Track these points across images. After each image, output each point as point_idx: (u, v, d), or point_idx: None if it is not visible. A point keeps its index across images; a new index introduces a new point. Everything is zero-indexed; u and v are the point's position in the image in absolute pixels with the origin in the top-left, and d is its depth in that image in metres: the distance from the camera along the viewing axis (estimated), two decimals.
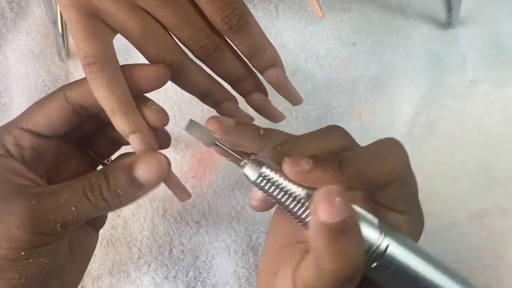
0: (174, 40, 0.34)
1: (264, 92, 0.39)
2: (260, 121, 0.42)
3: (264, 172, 0.29)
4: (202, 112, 0.55)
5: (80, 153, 0.38)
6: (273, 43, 0.36)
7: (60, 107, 0.33)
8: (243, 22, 0.33)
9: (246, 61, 0.36)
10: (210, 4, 0.32)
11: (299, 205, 0.29)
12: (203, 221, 0.52)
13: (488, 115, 0.56)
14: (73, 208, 0.30)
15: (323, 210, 0.25)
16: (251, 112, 0.41)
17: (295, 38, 0.58)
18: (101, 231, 0.41)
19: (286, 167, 0.29)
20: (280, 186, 0.29)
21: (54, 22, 0.53)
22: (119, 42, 0.35)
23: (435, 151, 0.56)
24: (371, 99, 0.57)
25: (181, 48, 0.34)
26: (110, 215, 0.52)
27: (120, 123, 0.32)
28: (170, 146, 0.37)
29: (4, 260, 0.29)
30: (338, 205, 0.25)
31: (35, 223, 0.29)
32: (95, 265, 0.51)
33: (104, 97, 0.31)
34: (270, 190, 0.29)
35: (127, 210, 0.52)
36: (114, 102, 0.31)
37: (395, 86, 0.57)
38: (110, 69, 0.32)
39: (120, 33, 0.34)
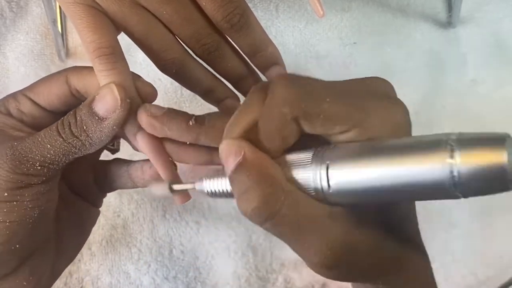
0: (176, 39, 0.34)
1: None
2: None
3: (206, 184, 0.30)
4: (202, 112, 0.55)
5: None
6: (273, 42, 0.36)
7: (60, 86, 0.34)
8: (244, 20, 0.33)
9: (247, 60, 0.36)
10: (211, 3, 0.32)
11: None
12: (203, 222, 0.52)
13: (488, 115, 0.56)
14: (49, 146, 0.31)
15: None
16: None
17: (295, 37, 0.58)
18: (101, 231, 0.41)
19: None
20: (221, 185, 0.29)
21: (54, 22, 0.53)
22: (120, 43, 0.35)
23: None
24: None
25: (182, 46, 0.34)
26: (110, 215, 0.52)
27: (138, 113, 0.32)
28: None
29: None
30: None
31: (16, 162, 0.30)
32: (95, 265, 0.50)
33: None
34: (218, 190, 0.29)
35: (127, 210, 0.52)
36: (131, 92, 0.32)
37: (395, 86, 0.57)
38: (124, 60, 0.32)
39: (122, 31, 0.34)
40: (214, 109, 0.40)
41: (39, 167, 0.31)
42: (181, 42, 0.35)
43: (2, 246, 0.31)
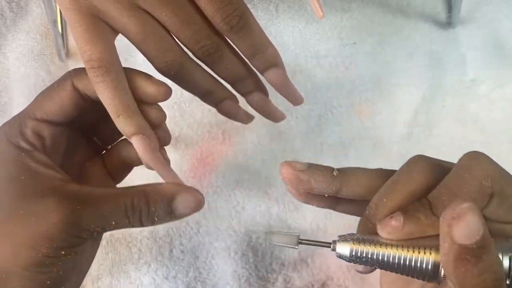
0: (175, 41, 0.34)
1: (265, 92, 0.39)
2: (263, 121, 0.42)
3: (353, 247, 0.29)
4: (202, 112, 0.55)
5: (86, 141, 0.39)
6: (273, 42, 0.36)
7: (69, 95, 0.34)
8: (243, 22, 0.33)
9: (247, 61, 0.36)
10: (210, 5, 0.32)
11: (404, 260, 0.28)
12: (203, 221, 0.52)
13: (488, 115, 0.56)
14: (113, 223, 0.31)
15: (458, 231, 0.24)
16: (250, 110, 0.41)
17: (295, 37, 0.58)
18: None
19: (380, 231, 0.29)
20: (375, 253, 0.29)
21: (54, 22, 0.53)
22: (120, 43, 0.35)
23: (435, 151, 0.56)
24: (371, 99, 0.57)
25: (181, 48, 0.34)
26: None
27: (124, 125, 0.32)
28: (170, 146, 0.38)
29: (45, 257, 0.30)
30: (473, 221, 0.23)
31: (76, 228, 0.31)
32: (95, 265, 0.51)
33: (109, 100, 0.32)
34: (368, 259, 0.29)
35: None
36: (119, 105, 0.32)
37: (395, 86, 0.57)
38: (115, 72, 0.32)
39: (121, 34, 0.34)
40: (214, 110, 0.40)
41: (96, 234, 0.31)
42: (180, 44, 0.35)
43: None
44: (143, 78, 0.34)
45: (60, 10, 0.54)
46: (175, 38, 0.34)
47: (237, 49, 0.36)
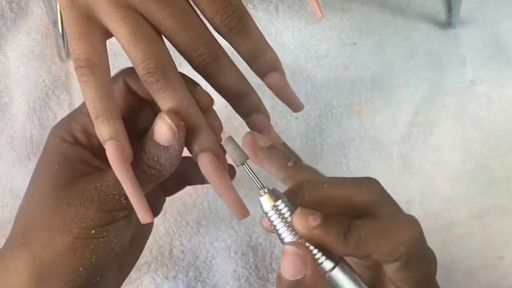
0: (166, 50, 0.32)
1: (266, 114, 0.36)
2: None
3: (277, 206, 0.30)
4: None
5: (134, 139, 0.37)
6: (273, 43, 0.36)
7: (121, 92, 0.34)
8: (242, 24, 0.32)
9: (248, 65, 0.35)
10: (209, 6, 0.31)
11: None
12: (203, 221, 0.52)
13: (488, 115, 0.56)
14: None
15: (286, 265, 0.28)
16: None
17: (295, 38, 0.58)
18: None
19: (295, 217, 0.29)
20: (286, 225, 0.30)
21: (54, 22, 0.53)
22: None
23: (435, 151, 0.56)
24: (371, 99, 0.57)
25: (170, 58, 0.33)
26: None
27: (100, 128, 0.31)
28: None
29: (76, 239, 0.31)
30: (301, 262, 0.27)
31: (102, 201, 0.31)
32: None
33: (90, 100, 0.31)
34: (276, 224, 0.30)
35: None
36: (99, 107, 0.31)
37: (395, 86, 0.58)
38: (100, 75, 0.31)
39: (113, 35, 0.33)
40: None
41: (124, 201, 0.32)
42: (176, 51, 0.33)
43: (85, 280, 0.32)
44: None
45: (60, 10, 0.54)
46: (174, 46, 0.33)
47: (236, 53, 0.35)
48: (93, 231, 0.31)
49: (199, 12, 0.33)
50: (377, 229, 0.30)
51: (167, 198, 0.40)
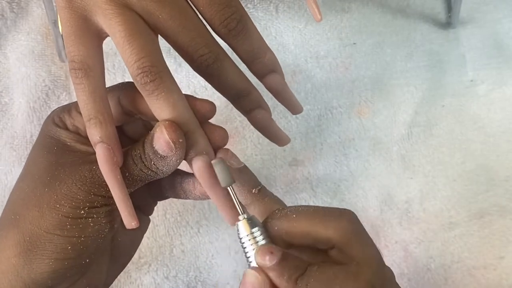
0: (160, 51, 0.32)
1: (268, 110, 0.36)
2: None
3: (253, 233, 0.31)
4: None
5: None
6: (273, 43, 0.36)
7: (113, 107, 0.34)
8: (241, 25, 0.32)
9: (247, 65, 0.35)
10: (209, 7, 0.31)
11: None
12: (204, 221, 0.52)
13: (488, 115, 0.56)
14: (126, 174, 0.32)
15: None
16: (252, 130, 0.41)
17: (295, 38, 0.58)
18: None
19: (255, 253, 0.30)
20: (250, 258, 0.31)
21: (55, 22, 0.53)
22: None
23: (435, 151, 0.56)
24: (371, 99, 0.57)
25: (164, 61, 0.32)
26: None
27: (92, 131, 0.32)
28: None
29: (65, 218, 0.31)
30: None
31: (96, 185, 0.32)
32: None
33: (84, 103, 0.32)
34: (248, 251, 0.31)
35: None
36: (92, 110, 0.31)
37: (395, 86, 0.58)
38: (94, 77, 0.31)
39: (109, 35, 0.33)
40: None
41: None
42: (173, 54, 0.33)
43: (73, 260, 0.32)
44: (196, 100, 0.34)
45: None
46: (173, 47, 0.32)
47: (235, 54, 0.34)
48: (83, 212, 0.31)
49: (198, 14, 0.33)
50: (329, 278, 0.30)
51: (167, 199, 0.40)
